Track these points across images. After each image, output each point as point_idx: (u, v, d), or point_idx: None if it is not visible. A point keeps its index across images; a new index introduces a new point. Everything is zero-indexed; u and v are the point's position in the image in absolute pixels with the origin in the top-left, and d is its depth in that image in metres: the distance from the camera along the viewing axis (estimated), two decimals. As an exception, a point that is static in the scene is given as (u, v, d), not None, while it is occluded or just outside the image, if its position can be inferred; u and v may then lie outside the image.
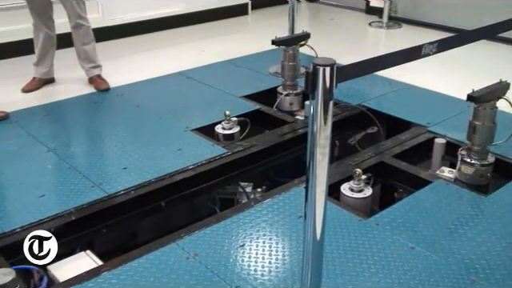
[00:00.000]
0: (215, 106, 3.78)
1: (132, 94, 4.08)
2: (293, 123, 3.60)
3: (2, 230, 2.46)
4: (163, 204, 2.90)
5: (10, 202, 2.72)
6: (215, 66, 4.69)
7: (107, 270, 2.21)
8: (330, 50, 2.85)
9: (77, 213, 2.62)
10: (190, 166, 3.01)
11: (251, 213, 2.59)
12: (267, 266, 2.21)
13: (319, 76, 1.45)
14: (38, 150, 3.22)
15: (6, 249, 2.37)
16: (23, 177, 2.93)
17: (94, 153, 3.26)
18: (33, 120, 3.66)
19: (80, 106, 3.99)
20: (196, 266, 2.22)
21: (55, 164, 3.08)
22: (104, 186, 2.80)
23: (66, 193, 2.76)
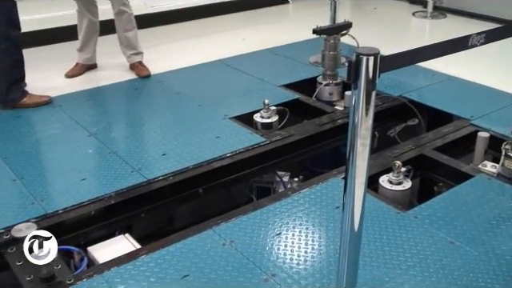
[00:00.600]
0: (254, 94, 3.78)
1: (172, 81, 4.12)
2: (332, 113, 3.57)
3: (45, 211, 2.52)
4: (201, 191, 2.93)
5: (52, 185, 2.79)
6: (255, 55, 4.68)
7: (145, 253, 2.25)
8: (371, 40, 2.79)
9: (116, 197, 2.67)
10: (228, 154, 3.02)
11: (288, 202, 2.58)
12: (303, 256, 2.21)
13: (362, 65, 1.43)
14: (79, 135, 3.29)
15: (49, 229, 2.42)
16: (66, 160, 3.00)
17: (134, 138, 3.31)
18: (75, 105, 3.74)
19: (121, 92, 4.05)
20: (232, 253, 2.23)
21: (96, 148, 3.14)
22: (143, 172, 2.84)
23: (107, 177, 2.81)
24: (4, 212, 2.50)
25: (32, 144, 3.19)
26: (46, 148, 3.17)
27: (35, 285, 2.09)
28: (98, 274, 2.13)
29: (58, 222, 2.50)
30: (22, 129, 3.38)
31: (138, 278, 2.10)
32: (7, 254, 2.28)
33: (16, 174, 2.83)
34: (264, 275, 2.10)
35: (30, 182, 2.76)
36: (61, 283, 2.08)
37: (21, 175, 2.82)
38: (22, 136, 3.27)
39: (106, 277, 2.11)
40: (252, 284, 2.05)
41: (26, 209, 2.54)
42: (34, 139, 3.26)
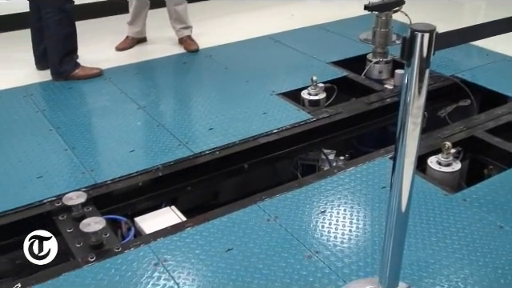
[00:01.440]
0: (302, 71, 3.75)
1: (220, 56, 4.12)
2: (381, 92, 3.50)
3: (95, 181, 2.59)
4: (246, 166, 2.94)
5: (102, 156, 2.85)
6: (304, 31, 4.63)
7: (191, 226, 2.29)
8: (424, 17, 2.71)
9: (164, 169, 2.71)
10: (274, 130, 3.02)
11: (333, 180, 2.57)
12: (347, 234, 2.20)
13: (417, 42, 1.39)
14: (129, 107, 3.35)
15: (98, 199, 2.50)
16: (115, 132, 3.06)
17: (182, 112, 3.34)
18: (125, 78, 3.80)
19: (169, 66, 4.09)
20: (276, 229, 2.24)
21: (145, 121, 3.19)
22: (190, 145, 2.87)
23: (154, 149, 2.86)
24: (56, 180, 2.58)
25: (83, 115, 3.27)
26: (96, 119, 3.24)
27: (84, 252, 2.16)
28: (144, 244, 2.18)
29: (107, 193, 2.56)
30: (73, 100, 3.46)
31: (183, 249, 2.14)
32: (58, 221, 2.37)
33: (68, 144, 2.91)
34: (307, 252, 2.10)
35: (80, 152, 2.84)
36: (109, 251, 2.14)
37: (72, 145, 2.90)
38: (73, 107, 3.36)
39: (152, 247, 2.15)
40: (296, 260, 2.06)
41: (77, 178, 2.61)
42: (85, 110, 3.34)
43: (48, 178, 2.61)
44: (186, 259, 2.09)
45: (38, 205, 2.42)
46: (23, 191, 2.50)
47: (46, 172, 2.65)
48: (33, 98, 3.46)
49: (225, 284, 1.95)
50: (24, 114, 3.26)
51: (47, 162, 2.75)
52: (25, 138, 2.98)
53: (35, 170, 2.66)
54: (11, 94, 3.54)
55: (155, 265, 2.06)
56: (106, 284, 1.96)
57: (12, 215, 2.37)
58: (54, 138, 2.98)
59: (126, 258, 2.10)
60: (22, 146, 2.89)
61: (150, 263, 2.06)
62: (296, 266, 2.03)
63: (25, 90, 3.58)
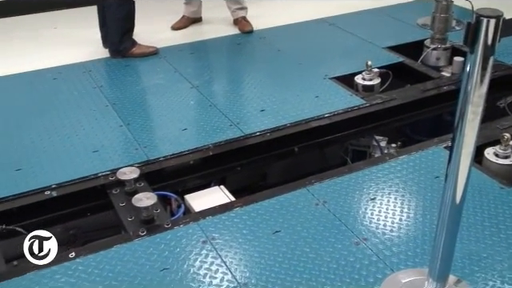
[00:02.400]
0: (357, 55, 3.68)
1: (274, 38, 4.10)
2: (437, 79, 3.40)
3: (148, 157, 2.64)
4: (296, 149, 2.93)
5: (155, 133, 2.90)
6: (360, 15, 4.54)
7: (239, 206, 2.30)
8: (488, 3, 2.61)
9: (214, 149, 2.74)
10: (326, 114, 2.99)
11: (385, 167, 2.53)
12: (397, 223, 2.17)
13: (482, 28, 1.33)
14: (182, 86, 3.39)
15: (150, 175, 2.55)
16: (168, 110, 3.10)
17: (234, 93, 3.35)
18: (179, 57, 3.84)
19: (224, 47, 4.10)
20: (324, 213, 2.23)
21: (198, 100, 3.22)
22: (241, 126, 2.88)
23: (206, 129, 2.88)
24: (111, 155, 2.65)
25: (138, 92, 3.33)
26: (150, 97, 3.29)
27: (136, 226, 2.21)
28: (193, 221, 2.22)
29: (159, 169, 2.61)
30: (129, 77, 3.53)
31: (231, 228, 2.16)
32: (112, 194, 2.43)
33: (123, 120, 2.97)
34: (355, 238, 2.09)
35: (135, 128, 2.89)
36: (159, 227, 2.19)
37: (127, 121, 2.96)
38: (129, 84, 3.42)
39: (201, 225, 2.18)
40: (343, 246, 2.05)
41: (131, 154, 2.67)
42: (140, 88, 3.40)
43: (103, 152, 2.68)
44: (233, 238, 2.11)
45: (93, 178, 2.49)
46: (79, 164, 2.58)
47: (101, 146, 2.72)
48: (91, 74, 3.55)
49: (271, 265, 1.96)
50: (83, 89, 3.35)
51: (103, 136, 2.82)
52: (82, 113, 3.06)
53: (91, 144, 2.74)
54: (71, 69, 3.64)
55: (203, 242, 2.09)
56: (155, 258, 2.00)
57: (68, 187, 2.45)
58: (110, 113, 3.06)
59: (176, 234, 2.14)
60: (79, 121, 2.98)
61: (199, 240, 2.10)
62: (343, 252, 2.02)
63: (83, 66, 3.68)
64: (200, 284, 1.89)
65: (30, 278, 1.92)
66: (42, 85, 3.44)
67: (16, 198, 2.37)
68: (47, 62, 3.73)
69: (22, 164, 2.58)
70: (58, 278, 1.92)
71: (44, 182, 2.45)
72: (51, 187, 2.43)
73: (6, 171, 2.53)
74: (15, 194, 2.38)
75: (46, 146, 2.74)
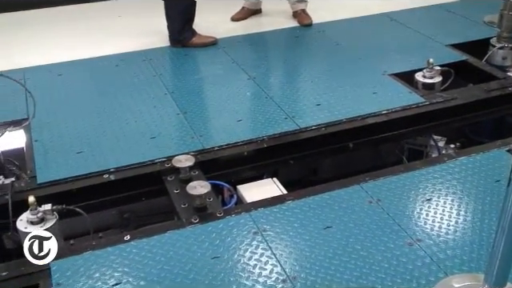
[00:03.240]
0: (418, 52, 3.60)
1: (333, 32, 4.06)
2: (503, 80, 3.28)
3: (203, 146, 2.67)
4: (351, 145, 2.90)
5: (211, 122, 2.94)
6: (423, 10, 4.43)
7: (291, 199, 2.30)
8: None
9: (269, 141, 2.74)
10: (384, 111, 2.94)
11: (443, 168, 2.46)
12: (453, 226, 2.11)
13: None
14: (239, 77, 3.41)
15: (204, 164, 2.59)
16: (225, 100, 3.13)
17: (291, 86, 3.34)
18: (238, 48, 3.86)
19: (282, 39, 4.10)
20: (378, 212, 2.20)
21: (254, 92, 3.23)
22: (296, 119, 2.88)
23: (261, 121, 2.89)
24: (167, 142, 2.70)
25: (196, 82, 3.38)
26: (208, 87, 3.33)
27: (189, 213, 2.24)
28: (245, 212, 2.23)
29: (213, 159, 2.64)
30: (188, 67, 3.58)
31: (282, 221, 2.16)
32: (167, 181, 2.48)
33: (180, 109, 3.02)
34: (409, 239, 2.05)
35: (191, 117, 2.94)
36: (211, 215, 2.22)
37: (184, 110, 3.01)
38: (188, 73, 3.47)
39: (252, 216, 2.20)
40: (396, 246, 2.01)
41: (186, 142, 2.71)
42: (199, 77, 3.45)
43: (160, 139, 2.73)
44: (284, 231, 2.11)
45: (149, 164, 2.55)
46: (137, 150, 2.65)
47: (158, 134, 2.77)
48: (151, 62, 3.63)
49: (321, 260, 1.96)
50: (143, 76, 3.43)
51: (160, 124, 2.88)
52: (142, 100, 3.13)
53: (149, 131, 2.80)
54: (133, 57, 3.73)
55: (254, 233, 2.10)
56: (206, 246, 2.03)
57: (126, 171, 2.51)
58: (168, 101, 3.11)
59: (227, 223, 2.16)
60: (138, 107, 3.05)
61: (250, 231, 2.11)
62: (396, 252, 1.99)
63: (144, 54, 3.76)
64: (249, 274, 1.90)
65: (87, 258, 1.99)
66: (105, 71, 3.55)
67: (76, 180, 2.46)
68: (110, 49, 3.84)
69: (83, 147, 2.67)
70: (112, 259, 1.98)
71: (103, 166, 2.52)
72: (109, 171, 2.50)
73: (68, 153, 2.63)
74: (75, 176, 2.47)
75: (106, 131, 2.82)
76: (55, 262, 1.96)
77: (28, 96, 2.89)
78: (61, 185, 2.44)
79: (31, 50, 3.91)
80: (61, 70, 3.57)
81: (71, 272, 1.92)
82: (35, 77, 3.42)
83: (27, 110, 2.99)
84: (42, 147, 2.69)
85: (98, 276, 1.91)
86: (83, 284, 1.87)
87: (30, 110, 2.84)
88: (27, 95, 2.94)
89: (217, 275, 1.90)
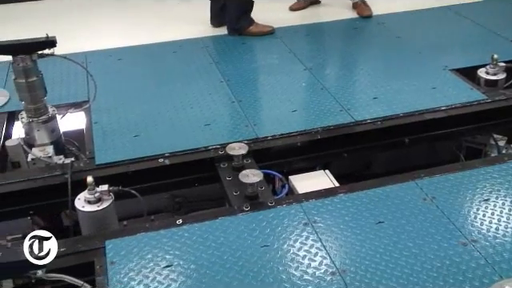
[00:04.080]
0: (481, 47, 3.49)
1: (393, 24, 3.98)
2: None
3: (257, 135, 2.68)
4: (406, 140, 2.84)
5: (265, 111, 2.94)
6: (488, 3, 4.28)
7: (343, 192, 2.28)
8: None
9: (323, 133, 2.72)
10: (443, 107, 2.87)
11: (502, 168, 2.38)
12: (511, 228, 2.04)
13: None
14: (295, 67, 3.39)
15: (257, 153, 2.60)
16: (280, 90, 3.13)
17: (347, 78, 3.30)
18: (295, 38, 3.84)
19: (340, 30, 4.05)
20: (432, 209, 2.15)
21: (309, 83, 3.21)
22: (352, 112, 2.84)
23: (316, 112, 2.87)
24: (221, 130, 2.73)
25: (252, 70, 3.39)
26: (263, 76, 3.33)
27: (240, 200, 2.26)
28: (296, 202, 2.23)
29: (266, 148, 2.65)
30: (245, 55, 3.60)
31: (333, 214, 2.15)
32: (220, 168, 2.50)
33: (235, 97, 3.04)
34: (463, 239, 1.99)
35: (246, 105, 2.95)
36: (262, 204, 2.23)
37: (239, 98, 3.03)
38: (244, 62, 3.49)
39: (304, 207, 2.19)
40: (449, 245, 1.97)
41: (240, 130, 2.73)
42: (254, 66, 3.46)
43: (215, 126, 2.76)
44: (335, 224, 2.10)
45: (203, 150, 2.58)
46: (192, 136, 2.68)
47: (213, 121, 2.80)
48: (208, 50, 3.66)
49: (372, 256, 1.93)
50: (200, 64, 3.47)
51: (215, 111, 2.91)
52: (198, 87, 3.17)
53: (204, 118, 2.83)
54: (190, 44, 3.77)
55: (305, 224, 2.10)
56: (257, 234, 2.05)
57: (180, 156, 2.55)
58: (224, 89, 3.14)
59: (278, 213, 2.16)
60: (194, 94, 3.09)
61: (300, 222, 2.11)
62: (449, 252, 1.94)
63: (202, 41, 3.80)
64: (298, 265, 1.90)
65: (140, 239, 2.04)
66: (163, 57, 3.61)
67: (132, 163, 2.52)
68: (169, 36, 3.90)
69: (139, 131, 2.73)
70: (165, 242, 2.02)
71: (158, 150, 2.57)
72: (164, 155, 2.55)
73: (126, 136, 2.69)
74: (132, 159, 2.53)
75: (163, 116, 2.87)
76: (110, 241, 2.02)
77: (89, 79, 2.98)
78: (117, 167, 2.50)
79: (94, 35, 4.03)
80: (121, 54, 3.65)
81: (125, 252, 1.98)
82: (96, 61, 3.52)
83: (88, 92, 3.07)
84: (101, 129, 2.77)
85: (151, 257, 1.95)
86: (136, 264, 1.92)
87: (91, 92, 2.93)
88: (89, 78, 3.03)
89: (266, 264, 1.91)
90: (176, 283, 1.84)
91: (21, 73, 2.50)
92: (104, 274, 1.89)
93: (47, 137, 2.63)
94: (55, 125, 2.67)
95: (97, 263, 1.95)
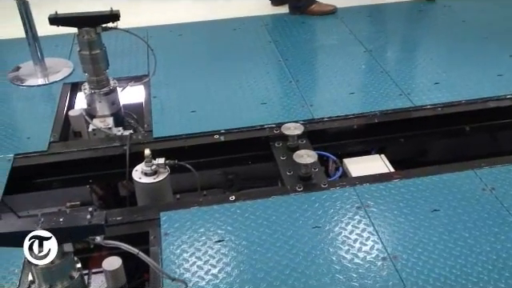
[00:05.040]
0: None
1: (460, 8, 3.85)
2: None
3: (312, 116, 2.66)
4: (467, 129, 2.76)
5: (322, 93, 2.91)
6: None
7: (399, 178, 2.24)
8: None
9: (380, 116, 2.68)
10: (508, 96, 2.76)
11: None
12: None
13: None
14: (355, 49, 3.34)
15: (312, 134, 2.58)
16: (338, 71, 3.08)
17: (408, 61, 3.22)
18: (356, 19, 3.77)
19: (403, 12, 3.94)
20: (490, 200, 2.09)
21: (369, 65, 3.15)
22: (412, 97, 2.78)
23: (374, 95, 2.82)
24: (277, 109, 2.72)
25: (311, 50, 3.36)
26: (322, 56, 3.30)
27: (293, 181, 2.26)
28: (350, 185, 2.21)
29: (322, 129, 2.63)
30: (304, 35, 3.56)
31: (387, 199, 2.12)
32: (274, 147, 2.51)
33: (293, 77, 3.03)
34: (523, 233, 1.93)
35: (303, 86, 2.93)
36: (316, 185, 2.22)
37: (296, 78, 3.01)
38: (303, 42, 3.46)
39: (357, 190, 2.17)
40: (507, 238, 1.90)
41: (296, 110, 2.71)
42: (314, 46, 3.42)
43: (271, 105, 2.76)
44: (388, 209, 2.07)
45: (258, 129, 2.59)
46: (247, 114, 2.69)
47: (269, 100, 2.80)
48: (268, 28, 3.65)
49: (425, 244, 1.90)
50: (259, 42, 3.46)
51: (272, 90, 2.90)
52: (255, 65, 3.17)
53: (260, 96, 2.84)
54: (250, 22, 3.77)
55: (358, 208, 2.08)
56: (309, 215, 2.04)
57: (235, 134, 2.57)
58: (282, 68, 3.12)
59: (331, 195, 2.15)
60: (252, 72, 3.09)
61: (353, 205, 2.09)
62: (506, 245, 1.88)
63: (262, 20, 3.79)
64: (349, 248, 1.89)
65: (194, 212, 2.08)
66: (223, 34, 3.62)
67: (188, 138, 2.56)
68: (230, 13, 3.90)
69: (196, 106, 2.77)
70: (217, 217, 2.05)
71: (214, 126, 2.60)
72: (220, 132, 2.57)
73: (183, 112, 2.73)
74: (188, 134, 2.57)
75: (220, 93, 2.89)
76: (165, 213, 2.07)
77: (150, 53, 3.03)
78: (174, 141, 2.55)
79: (156, 9, 4.08)
80: (182, 30, 3.70)
81: (179, 224, 2.02)
82: (157, 35, 3.57)
83: (148, 67, 3.13)
84: (160, 103, 2.82)
85: (203, 231, 1.99)
86: (189, 237, 1.96)
87: (151, 67, 2.98)
88: (149, 53, 3.08)
89: (317, 244, 1.91)
90: (227, 258, 1.87)
91: (85, 45, 2.57)
92: (158, 244, 1.94)
93: (108, 108, 2.71)
94: (116, 97, 2.74)
95: (151, 234, 2.00)
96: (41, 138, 2.57)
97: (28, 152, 2.48)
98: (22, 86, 3.05)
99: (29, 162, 2.45)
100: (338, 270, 1.81)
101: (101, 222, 1.33)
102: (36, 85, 3.05)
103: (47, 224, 1.31)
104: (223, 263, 1.85)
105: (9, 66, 3.23)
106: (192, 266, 1.85)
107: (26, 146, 2.52)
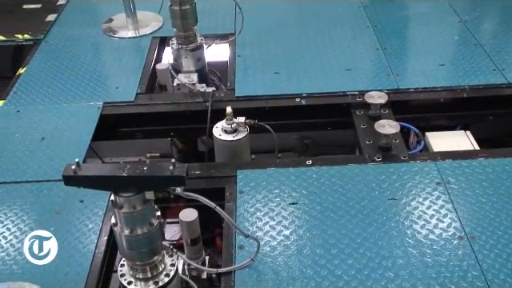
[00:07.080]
0: None
1: None
2: None
3: (398, 86, 2.59)
4: None
5: (410, 62, 2.83)
6: None
7: (484, 156, 2.16)
8: None
9: (470, 91, 2.56)
10: None
11: None
12: None
13: None
14: (449, 19, 3.19)
15: (396, 104, 2.51)
16: (428, 42, 2.96)
17: (506, 35, 3.02)
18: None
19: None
20: None
21: (463, 37, 3.01)
22: (506, 73, 2.63)
23: (466, 68, 2.70)
24: (362, 77, 2.67)
25: (402, 18, 3.24)
26: (413, 24, 3.17)
27: (372, 150, 2.23)
28: (431, 160, 2.15)
29: (406, 100, 2.56)
30: (396, 1, 3.42)
31: (470, 177, 2.05)
32: (355, 115, 2.47)
33: (380, 44, 2.94)
34: None
35: (391, 54, 2.84)
36: (395, 157, 2.18)
37: (384, 46, 2.92)
38: (394, 8, 3.33)
39: (438, 165, 2.11)
40: None
41: (381, 79, 2.65)
42: (405, 13, 3.29)
43: (355, 72, 2.70)
44: (469, 188, 2.00)
45: (341, 95, 2.55)
46: (331, 79, 2.66)
47: (354, 66, 2.74)
48: (358, -7, 3.54)
49: (506, 227, 1.83)
50: (348, 6, 3.36)
51: (358, 57, 2.84)
52: (343, 30, 3.10)
53: (345, 62, 2.78)
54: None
55: (437, 184, 2.02)
56: (386, 187, 2.01)
57: (317, 98, 2.55)
58: (369, 35, 3.04)
59: (411, 168, 2.10)
60: (339, 37, 3.02)
61: (433, 181, 2.04)
62: None
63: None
64: (425, 223, 1.85)
65: (270, 173, 2.10)
66: (311, -2, 3.55)
67: (270, 99, 2.56)
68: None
69: (280, 68, 2.76)
70: (293, 179, 2.07)
71: (296, 90, 2.59)
72: (302, 95, 2.56)
73: (266, 73, 2.73)
74: (270, 95, 2.57)
75: (304, 57, 2.86)
76: (242, 171, 2.11)
77: (238, 12, 3.03)
78: (255, 101, 2.56)
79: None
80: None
81: (254, 183, 2.05)
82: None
83: (235, 26, 3.14)
84: (243, 63, 2.83)
85: (278, 192, 2.01)
86: (263, 196, 1.99)
87: (238, 26, 2.98)
88: (237, 11, 3.08)
89: (392, 217, 1.88)
90: (300, 221, 1.89)
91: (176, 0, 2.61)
92: (233, 201, 1.98)
93: (193, 64, 2.76)
94: (201, 54, 2.78)
95: (227, 190, 2.05)
96: (128, 88, 2.66)
97: (116, 101, 2.58)
98: (114, 37, 3.15)
99: (116, 111, 2.55)
100: (411, 244, 1.78)
101: (182, 174, 1.37)
102: (127, 37, 3.15)
103: (132, 171, 1.37)
104: (296, 225, 1.87)
105: (103, 17, 3.34)
106: (265, 225, 1.88)
107: (115, 95, 2.62)
